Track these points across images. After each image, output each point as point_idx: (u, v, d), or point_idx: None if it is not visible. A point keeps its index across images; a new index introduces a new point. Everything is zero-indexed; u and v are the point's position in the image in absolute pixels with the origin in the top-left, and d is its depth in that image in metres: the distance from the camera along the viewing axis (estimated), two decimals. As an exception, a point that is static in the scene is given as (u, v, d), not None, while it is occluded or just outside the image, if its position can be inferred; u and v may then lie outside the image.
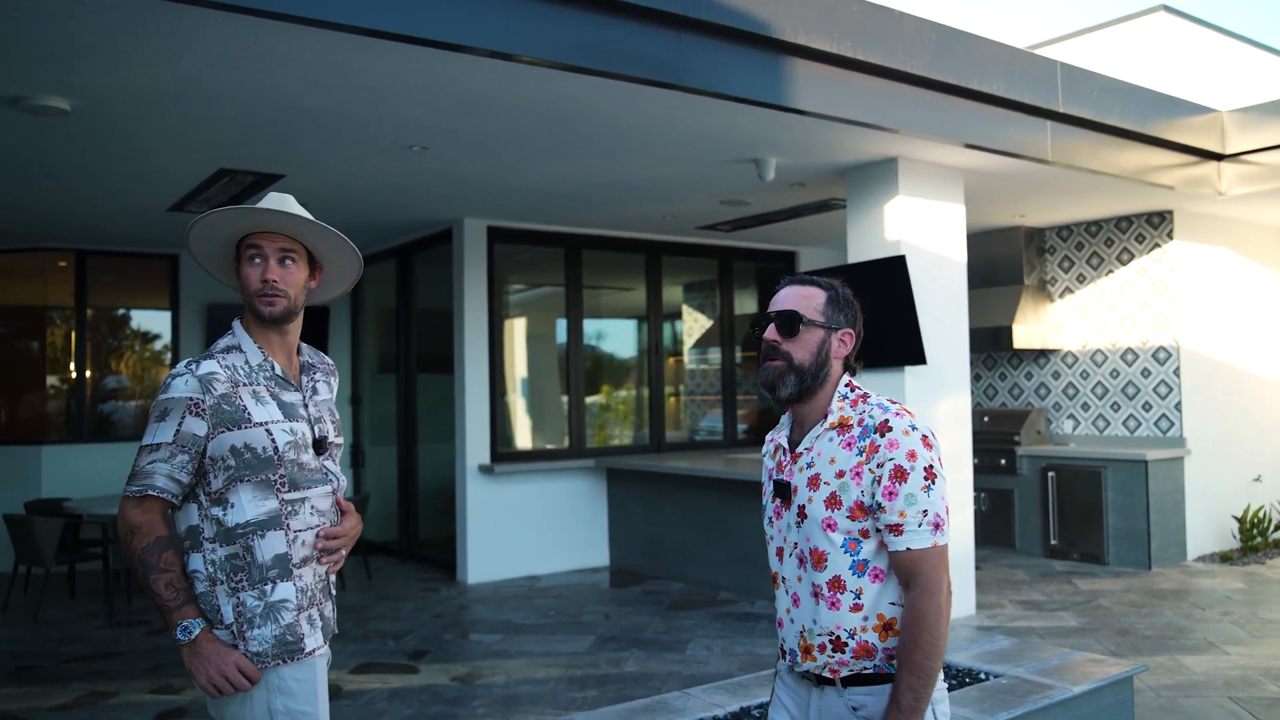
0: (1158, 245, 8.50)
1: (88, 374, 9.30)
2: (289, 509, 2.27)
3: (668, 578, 8.17)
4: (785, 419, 2.25)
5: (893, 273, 6.28)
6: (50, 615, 7.25)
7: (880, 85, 5.56)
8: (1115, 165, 6.88)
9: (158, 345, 9.68)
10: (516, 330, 9.50)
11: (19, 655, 6.21)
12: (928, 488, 2.00)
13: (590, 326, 9.65)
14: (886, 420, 2.04)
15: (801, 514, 2.09)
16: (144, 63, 4.36)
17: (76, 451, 9.05)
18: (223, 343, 2.35)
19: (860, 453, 2.04)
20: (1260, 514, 8.62)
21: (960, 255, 6.80)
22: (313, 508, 2.32)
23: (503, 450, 8.47)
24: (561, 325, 9.84)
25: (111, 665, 5.93)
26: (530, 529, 8.43)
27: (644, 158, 6.29)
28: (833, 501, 2.05)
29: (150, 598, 2.22)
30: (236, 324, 2.38)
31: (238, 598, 2.22)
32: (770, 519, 2.21)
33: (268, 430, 2.26)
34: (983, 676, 3.90)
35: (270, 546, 2.24)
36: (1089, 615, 6.65)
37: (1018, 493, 8.78)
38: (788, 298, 2.19)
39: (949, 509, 2.05)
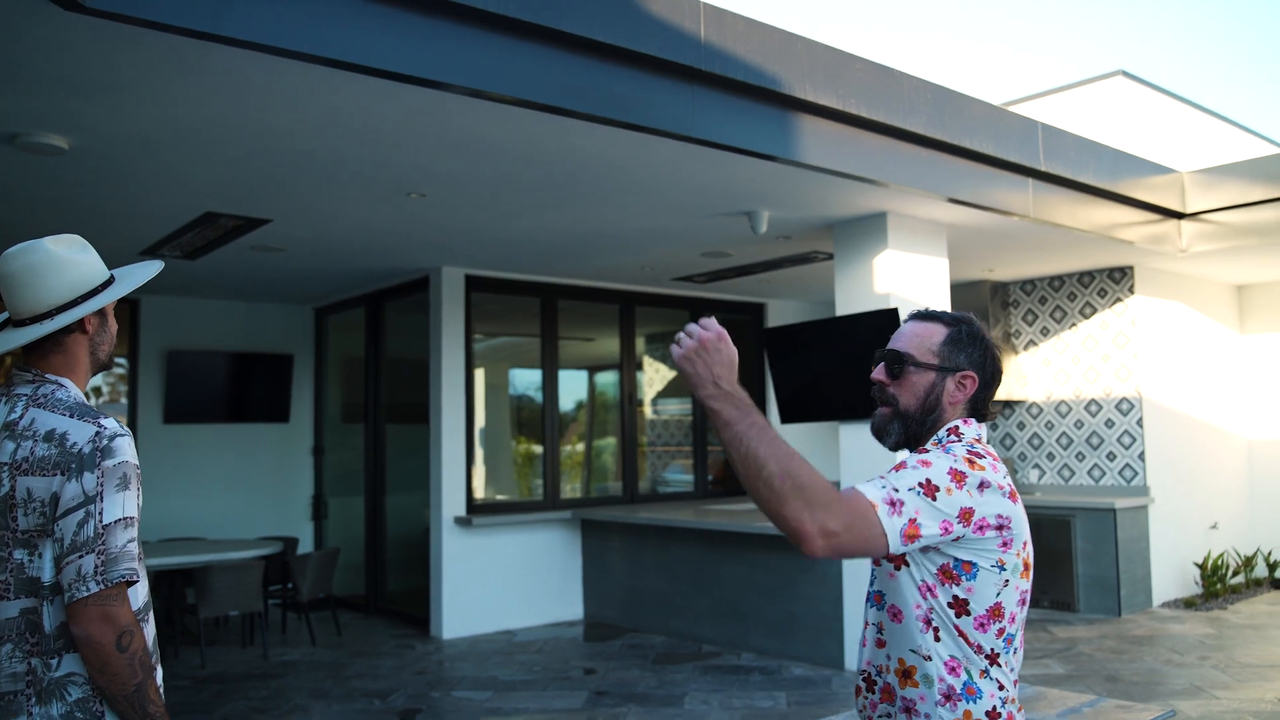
0: (1119, 299, 8.78)
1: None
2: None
3: (647, 631, 8.07)
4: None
5: (885, 325, 6.37)
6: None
7: (879, 142, 5.69)
8: (1087, 221, 7.12)
9: (119, 393, 9.35)
10: (475, 381, 9.39)
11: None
12: (913, 490, 1.72)
13: (535, 377, 9.66)
14: (928, 447, 1.92)
15: None
16: (158, 102, 4.26)
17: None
18: (89, 405, 2.07)
19: None
20: (1220, 561, 8.87)
21: (944, 308, 6.93)
22: None
23: (472, 502, 8.31)
24: (514, 375, 9.77)
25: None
26: (504, 583, 8.27)
27: (640, 208, 6.32)
28: None
29: (140, 705, 1.92)
30: (75, 387, 2.10)
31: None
32: None
33: None
34: (1018, 726, 3.91)
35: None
36: (1073, 662, 6.73)
37: (988, 542, 8.90)
38: (902, 336, 2.02)
39: (916, 535, 1.71)
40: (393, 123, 4.64)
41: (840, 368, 6.68)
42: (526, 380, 9.96)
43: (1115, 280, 8.83)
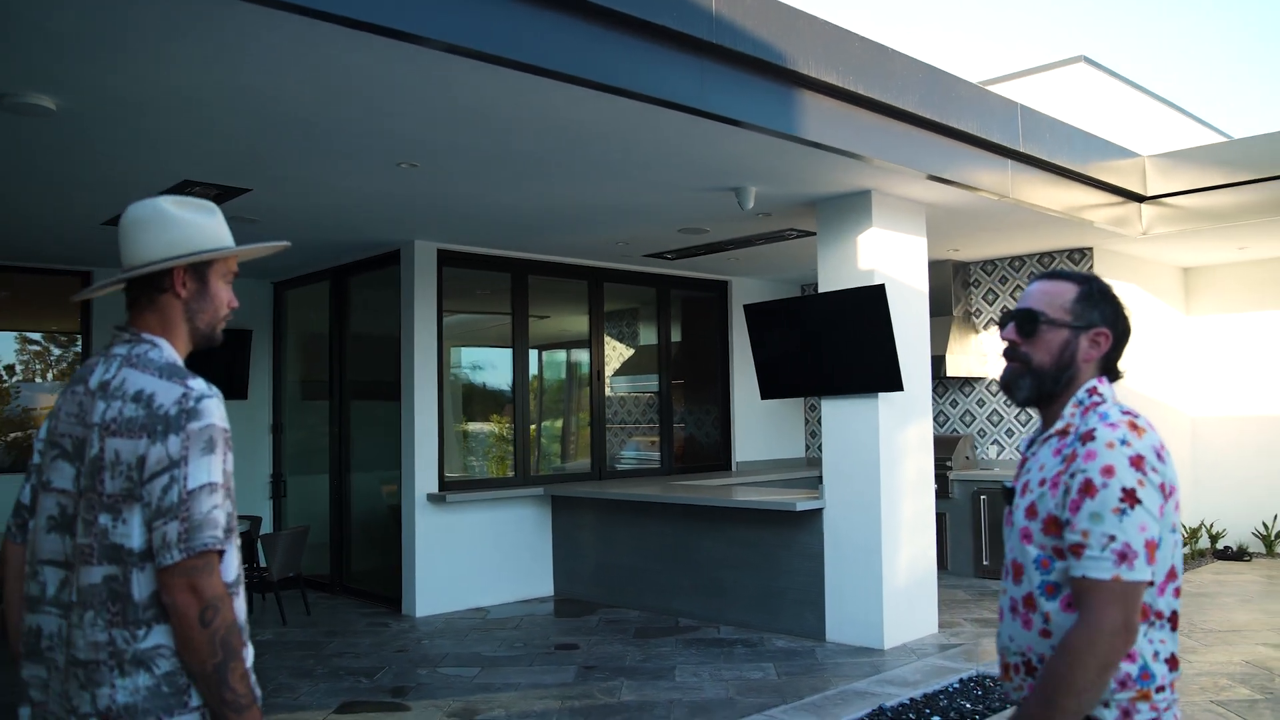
0: (1077, 280, 9.01)
1: (-16, 399, 8.59)
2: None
3: (621, 606, 8.09)
4: (1039, 422, 2.09)
5: (870, 301, 6.45)
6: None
7: (872, 119, 5.75)
8: (1057, 202, 7.30)
9: (64, 370, 9.02)
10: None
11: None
12: (1121, 511, 1.74)
13: (482, 356, 9.58)
14: (1093, 429, 1.83)
15: (1010, 521, 1.99)
16: (151, 60, 4.08)
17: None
18: (181, 365, 2.02)
19: (1063, 460, 1.86)
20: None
21: (923, 285, 7.05)
22: None
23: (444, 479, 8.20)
24: (461, 354, 9.64)
25: None
26: (476, 559, 8.21)
27: (634, 182, 6.29)
28: (1031, 512, 1.91)
29: (215, 689, 1.83)
30: (171, 348, 2.03)
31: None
32: (1005, 526, 2.09)
33: None
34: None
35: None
36: (1043, 631, 6.93)
37: (950, 516, 9.11)
38: (1032, 295, 2.02)
39: (1154, 544, 1.78)
40: (392, 88, 4.53)
41: (824, 343, 6.74)
42: (473, 359, 9.87)
43: (1075, 261, 9.07)
